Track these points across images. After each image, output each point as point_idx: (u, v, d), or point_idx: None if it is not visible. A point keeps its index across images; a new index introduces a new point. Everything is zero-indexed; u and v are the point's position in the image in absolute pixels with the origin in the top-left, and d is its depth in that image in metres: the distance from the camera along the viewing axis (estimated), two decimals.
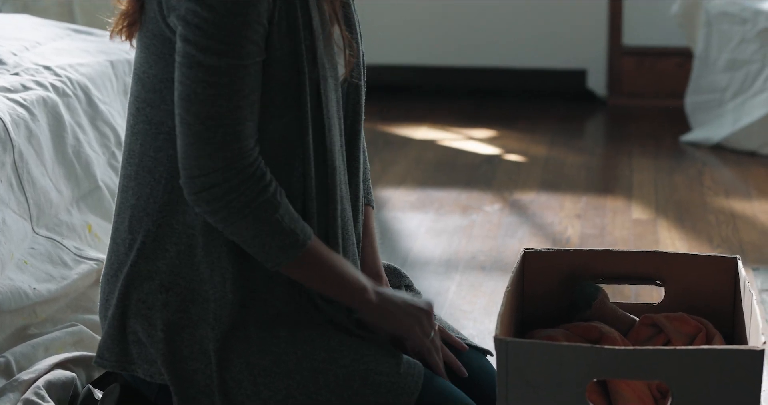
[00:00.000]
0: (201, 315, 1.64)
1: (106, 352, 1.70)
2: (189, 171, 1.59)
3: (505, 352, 1.57)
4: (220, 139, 1.57)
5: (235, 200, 1.59)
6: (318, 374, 1.64)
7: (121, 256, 1.70)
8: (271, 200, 1.60)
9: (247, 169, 1.59)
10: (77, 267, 2.15)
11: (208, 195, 1.59)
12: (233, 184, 1.58)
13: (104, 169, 2.39)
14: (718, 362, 1.54)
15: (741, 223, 3.23)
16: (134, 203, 1.68)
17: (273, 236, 1.61)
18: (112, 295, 1.70)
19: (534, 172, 3.80)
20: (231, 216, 1.60)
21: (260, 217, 1.60)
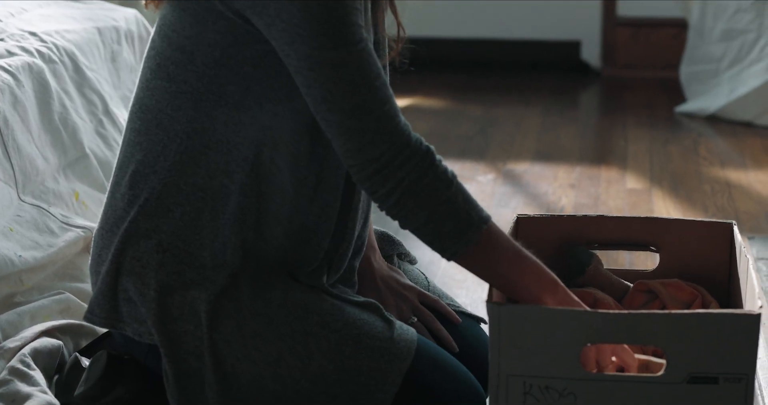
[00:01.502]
0: (195, 279, 1.62)
1: (97, 308, 1.68)
2: (358, 165, 1.54)
3: (497, 318, 1.55)
4: (374, 125, 1.53)
5: (406, 177, 1.53)
6: (310, 338, 1.61)
7: (119, 212, 1.67)
8: (441, 177, 1.55)
9: (412, 144, 1.54)
10: (64, 235, 2.12)
11: (380, 177, 1.54)
12: (401, 160, 1.53)
13: (91, 136, 2.36)
14: (714, 327, 1.52)
15: (736, 192, 3.21)
16: (141, 159, 1.65)
17: (447, 217, 1.54)
18: (106, 251, 1.67)
19: (528, 143, 3.77)
20: (404, 196, 1.54)
21: (432, 195, 1.54)
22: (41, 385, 1.72)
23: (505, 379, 1.57)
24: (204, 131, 1.61)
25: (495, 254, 1.57)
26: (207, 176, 1.62)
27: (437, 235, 1.56)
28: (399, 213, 1.56)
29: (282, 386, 1.60)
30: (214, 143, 1.61)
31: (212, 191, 1.62)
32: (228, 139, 1.61)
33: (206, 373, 1.61)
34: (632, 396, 1.55)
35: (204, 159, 1.62)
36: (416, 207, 1.55)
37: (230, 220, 1.62)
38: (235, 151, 1.61)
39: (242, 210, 1.62)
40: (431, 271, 2.57)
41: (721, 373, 1.54)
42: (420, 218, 1.55)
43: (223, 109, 1.60)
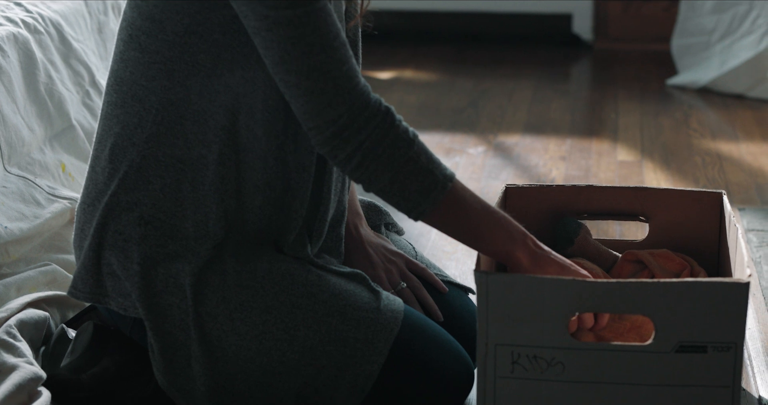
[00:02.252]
0: (178, 251, 1.61)
1: (80, 283, 1.67)
2: (316, 128, 1.53)
3: (485, 286, 1.54)
4: (332, 86, 1.51)
5: (366, 140, 1.52)
6: (296, 309, 1.61)
7: (100, 186, 1.65)
8: (402, 136, 1.54)
9: (370, 106, 1.53)
10: (50, 206, 2.11)
11: (340, 141, 1.53)
12: (361, 123, 1.52)
13: (78, 107, 2.34)
14: (702, 296, 1.52)
15: (727, 164, 3.20)
16: (119, 132, 1.64)
17: (410, 178, 1.53)
18: (88, 226, 1.67)
19: (518, 116, 3.76)
20: (366, 159, 1.53)
21: (394, 156, 1.53)
22: (27, 357, 1.71)
23: (493, 349, 1.56)
24: (179, 101, 1.60)
25: (462, 211, 1.56)
26: (185, 147, 1.61)
27: (402, 195, 1.55)
28: (362, 176, 1.55)
29: (268, 358, 1.60)
30: (189, 113, 1.60)
31: (191, 162, 1.61)
32: (203, 109, 1.60)
33: (192, 346, 1.60)
34: (621, 365, 1.54)
35: (181, 129, 1.61)
36: (379, 169, 1.53)
37: (211, 190, 1.61)
38: (211, 121, 1.60)
39: (222, 179, 1.61)
40: (420, 242, 2.56)
41: (709, 342, 1.53)
42: (383, 180, 1.54)
43: (197, 78, 1.59)
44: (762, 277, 2.33)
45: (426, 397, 1.66)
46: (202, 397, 1.61)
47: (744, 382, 1.86)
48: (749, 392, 1.86)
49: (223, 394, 1.60)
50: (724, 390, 1.54)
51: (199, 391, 1.61)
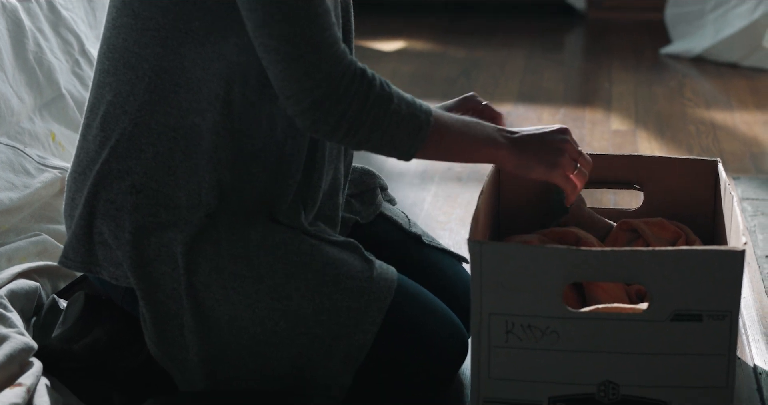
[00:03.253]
0: (171, 219, 1.60)
1: (71, 253, 1.65)
2: (294, 97, 1.51)
3: (479, 255, 1.53)
4: (312, 52, 1.50)
5: (349, 108, 1.52)
6: (289, 279, 1.59)
7: (91, 154, 1.64)
8: (381, 94, 1.54)
9: (347, 72, 1.52)
10: (40, 176, 2.09)
11: (322, 113, 1.51)
12: (340, 92, 1.51)
13: (68, 76, 2.32)
14: (698, 264, 1.51)
15: (721, 133, 3.19)
16: (111, 100, 1.62)
17: (398, 128, 1.55)
18: (79, 195, 1.65)
19: (511, 85, 3.74)
20: (353, 126, 1.53)
21: (379, 115, 1.54)
22: (18, 327, 1.70)
23: (487, 318, 1.55)
24: (173, 69, 1.58)
25: (446, 138, 1.60)
26: (178, 115, 1.59)
27: (393, 145, 1.57)
28: (351, 141, 1.56)
29: (261, 328, 1.59)
30: (183, 81, 1.58)
31: (184, 130, 1.59)
32: (197, 77, 1.58)
33: (185, 316, 1.59)
34: (616, 334, 1.54)
35: (174, 97, 1.59)
36: (367, 131, 1.54)
37: (204, 158, 1.60)
38: (205, 89, 1.59)
39: (215, 148, 1.60)
40: (414, 212, 2.55)
41: (704, 311, 1.52)
42: (374, 139, 1.56)
43: (190, 45, 1.57)
44: (757, 246, 2.32)
45: (420, 366, 1.65)
46: (194, 367, 1.60)
47: (739, 351, 1.86)
48: (744, 361, 1.86)
49: (215, 364, 1.59)
50: (719, 358, 1.54)
51: (191, 361, 1.60)
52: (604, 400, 1.56)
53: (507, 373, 1.57)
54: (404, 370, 1.65)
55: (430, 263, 1.84)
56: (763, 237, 2.36)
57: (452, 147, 1.61)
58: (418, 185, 2.74)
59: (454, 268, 1.87)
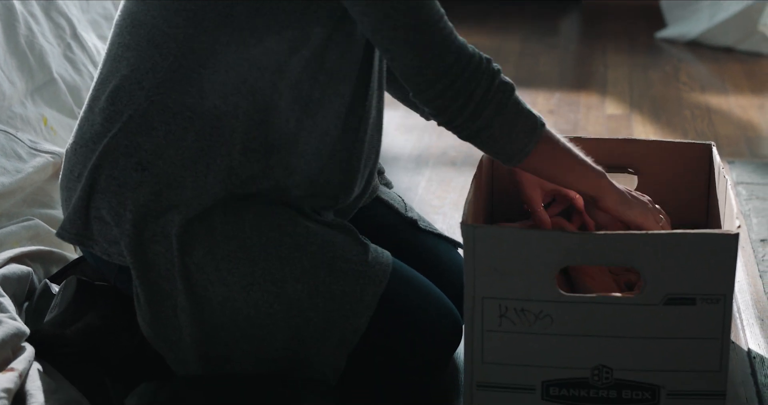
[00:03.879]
0: (173, 200, 1.58)
1: (68, 224, 1.65)
2: (426, 82, 1.54)
3: (472, 239, 1.53)
4: (439, 39, 1.53)
5: (477, 88, 1.54)
6: (283, 261, 1.59)
7: (96, 127, 1.62)
8: (505, 81, 1.57)
9: (473, 58, 1.55)
10: (32, 160, 2.08)
11: (453, 92, 1.54)
12: (468, 75, 1.54)
13: (59, 60, 2.31)
14: (691, 247, 1.51)
15: (717, 117, 3.19)
16: (126, 74, 1.60)
17: (517, 119, 1.57)
18: (79, 167, 1.64)
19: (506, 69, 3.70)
20: (479, 107, 1.55)
21: (503, 101, 1.56)
22: (10, 312, 1.69)
23: (480, 302, 1.55)
24: (201, 50, 1.57)
25: (556, 148, 1.62)
26: (198, 96, 1.57)
27: (510, 138, 1.58)
28: (473, 124, 1.56)
29: (255, 310, 1.58)
30: (210, 63, 1.57)
31: (201, 112, 1.58)
32: (227, 60, 1.56)
33: (178, 297, 1.59)
34: (609, 318, 1.53)
35: (197, 78, 1.57)
36: (490, 115, 1.55)
37: (218, 142, 1.58)
38: (233, 73, 1.57)
39: (232, 133, 1.58)
40: (408, 196, 2.55)
41: (698, 294, 1.52)
42: (494, 125, 1.56)
43: (227, 28, 1.55)
44: (751, 230, 2.32)
45: (414, 350, 1.64)
46: (187, 348, 1.59)
47: (733, 335, 1.86)
48: (738, 345, 1.86)
49: (208, 345, 1.59)
50: (713, 342, 1.54)
51: (184, 341, 1.59)
52: (598, 384, 1.56)
53: (500, 357, 1.57)
54: (398, 354, 1.64)
55: (425, 248, 1.84)
56: (758, 221, 2.36)
57: (560, 160, 1.63)
58: (412, 169, 2.74)
59: (450, 253, 1.86)
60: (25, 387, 1.59)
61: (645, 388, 1.56)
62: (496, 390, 1.58)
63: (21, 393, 1.58)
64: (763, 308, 1.98)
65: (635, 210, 1.67)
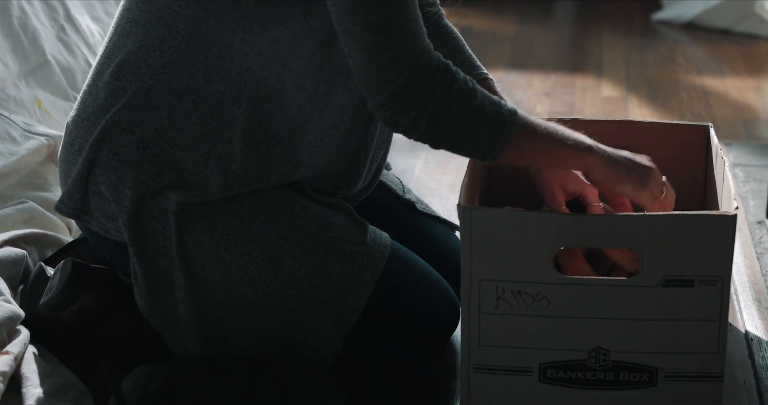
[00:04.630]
0: (172, 180, 1.58)
1: (66, 198, 1.64)
2: (374, 87, 1.48)
3: (468, 221, 1.52)
4: (396, 42, 1.46)
5: (431, 99, 1.48)
6: (281, 241, 1.58)
7: (99, 101, 1.61)
8: (464, 89, 1.50)
9: (432, 63, 1.48)
10: (26, 143, 2.07)
11: (402, 105, 1.48)
12: (422, 84, 1.47)
13: (53, 42, 2.30)
14: (689, 229, 1.50)
15: (713, 99, 3.18)
16: (133, 50, 1.59)
17: (480, 125, 1.50)
18: (80, 140, 1.63)
19: (502, 51, 3.72)
20: (434, 118, 1.49)
21: (461, 110, 1.49)
22: (5, 295, 1.69)
23: (477, 284, 1.55)
24: (208, 33, 1.56)
25: (531, 141, 1.55)
26: (203, 79, 1.57)
27: (475, 145, 1.52)
28: (431, 136, 1.51)
29: (252, 289, 1.58)
30: (217, 47, 1.56)
31: (205, 96, 1.57)
32: (233, 46, 1.55)
33: (176, 274, 1.58)
34: (607, 299, 1.53)
35: (203, 61, 1.56)
36: (449, 126, 1.50)
37: (220, 128, 1.57)
38: (238, 59, 1.56)
39: (234, 120, 1.57)
40: (404, 179, 2.54)
41: (696, 276, 1.52)
42: (453, 136, 1.51)
43: (234, 14, 1.54)
44: (749, 212, 2.32)
45: (411, 332, 1.64)
46: (184, 326, 1.59)
47: (730, 317, 1.86)
48: (735, 326, 1.86)
49: (205, 323, 1.58)
50: (710, 324, 1.53)
51: (181, 319, 1.59)
52: (595, 366, 1.56)
53: (497, 339, 1.56)
54: (395, 336, 1.64)
55: (423, 230, 1.83)
56: (755, 203, 2.36)
57: (538, 149, 1.56)
58: (408, 152, 2.73)
59: (447, 235, 1.86)
60: (20, 370, 1.58)
61: (642, 369, 1.55)
62: (494, 372, 1.58)
63: (16, 376, 1.57)
64: (760, 290, 1.98)
65: (626, 186, 1.61)
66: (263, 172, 1.59)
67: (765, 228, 2.23)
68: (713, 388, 1.56)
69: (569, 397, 1.57)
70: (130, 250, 1.58)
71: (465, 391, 1.60)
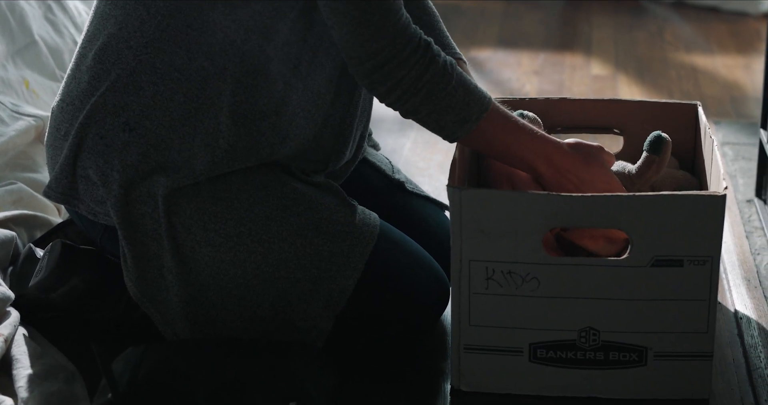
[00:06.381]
0: (159, 162, 1.57)
1: (54, 183, 1.64)
2: (357, 58, 1.53)
3: (458, 202, 1.52)
4: (378, 19, 1.51)
5: (406, 76, 1.53)
6: (270, 222, 1.58)
7: (83, 85, 1.61)
8: (441, 72, 1.55)
9: (412, 40, 1.53)
10: (14, 124, 2.07)
11: (380, 75, 1.53)
12: (402, 58, 1.53)
13: (40, 22, 2.29)
14: (678, 209, 1.50)
15: (702, 77, 3.18)
16: (114, 33, 1.59)
17: (447, 111, 1.56)
18: (66, 125, 1.62)
19: (490, 30, 3.72)
20: (405, 93, 1.54)
21: (433, 91, 1.55)
22: None
23: (467, 264, 1.55)
24: (189, 10, 1.55)
25: (492, 136, 1.60)
26: (186, 57, 1.56)
27: (438, 125, 1.58)
28: (400, 107, 1.57)
29: (242, 270, 1.58)
30: (198, 23, 1.55)
31: (189, 73, 1.56)
32: (214, 20, 1.55)
33: (165, 257, 1.58)
34: (596, 280, 1.53)
35: (184, 38, 1.56)
36: (417, 103, 1.56)
37: (205, 104, 1.57)
38: (220, 34, 1.56)
39: (219, 95, 1.57)
40: (393, 158, 2.54)
41: (685, 256, 1.52)
42: (422, 112, 1.57)
43: None
44: (738, 191, 2.32)
45: (401, 313, 1.64)
46: (174, 308, 1.59)
47: (720, 296, 1.86)
48: (725, 306, 1.86)
49: (196, 305, 1.58)
50: (700, 303, 1.54)
51: (171, 301, 1.59)
52: (585, 346, 1.56)
53: (487, 319, 1.56)
54: (385, 316, 1.64)
55: (412, 210, 1.83)
56: (744, 181, 2.36)
57: (495, 146, 1.61)
58: (397, 131, 2.73)
59: (437, 215, 1.86)
60: (10, 352, 1.58)
61: (632, 349, 1.56)
62: (484, 352, 1.58)
63: (7, 358, 1.58)
64: (749, 269, 1.98)
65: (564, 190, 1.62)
66: (251, 146, 1.59)
67: (754, 207, 2.24)
68: (702, 367, 1.57)
69: (559, 377, 1.58)
70: (119, 233, 1.58)
71: (455, 370, 1.61)
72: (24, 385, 1.52)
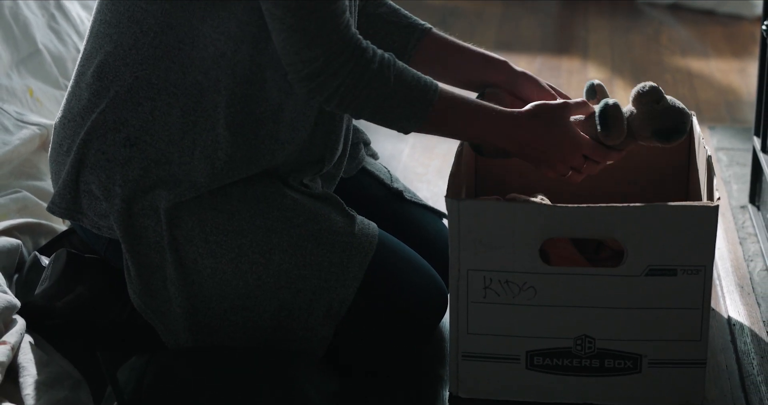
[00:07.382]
0: (161, 176, 1.60)
1: (58, 198, 1.66)
2: (293, 65, 1.55)
3: (456, 212, 1.55)
4: (314, 27, 1.52)
5: (341, 85, 1.55)
6: (271, 233, 1.61)
7: (83, 102, 1.63)
8: (378, 76, 1.56)
9: (347, 49, 1.54)
10: (19, 132, 2.09)
11: (317, 85, 1.55)
12: (335, 68, 1.54)
13: (44, 31, 2.31)
14: (672, 219, 1.53)
15: (698, 82, 3.20)
16: (110, 50, 1.62)
17: (391, 110, 1.59)
18: (68, 141, 1.65)
19: (488, 33, 3.73)
20: (345, 100, 1.56)
21: (371, 95, 1.57)
22: (1, 285, 1.71)
23: (465, 274, 1.57)
24: (179, 25, 1.58)
25: (445, 123, 1.63)
26: (180, 72, 1.59)
27: (386, 124, 1.61)
28: (343, 112, 1.61)
29: (244, 281, 1.60)
30: (189, 38, 1.58)
31: (185, 87, 1.59)
32: (204, 34, 1.58)
33: (168, 269, 1.60)
34: (592, 289, 1.56)
35: (177, 54, 1.59)
36: (359, 108, 1.58)
37: (202, 117, 1.60)
38: (212, 47, 1.58)
39: (215, 107, 1.60)
40: (392, 165, 2.56)
41: (679, 265, 1.55)
42: (364, 115, 1.60)
43: (200, 3, 1.57)
44: (732, 197, 2.34)
45: (400, 321, 1.66)
46: (177, 319, 1.61)
47: (713, 303, 1.89)
48: (719, 312, 1.88)
49: (199, 316, 1.61)
50: (693, 312, 1.56)
51: (174, 312, 1.61)
52: (581, 353, 1.59)
53: (485, 328, 1.59)
54: (384, 325, 1.66)
55: (411, 219, 1.86)
56: (738, 187, 2.38)
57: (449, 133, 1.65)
58: (396, 136, 2.74)
59: (435, 224, 1.88)
60: (17, 359, 1.60)
61: (627, 357, 1.59)
62: (482, 360, 1.61)
63: (13, 365, 1.59)
64: (742, 275, 2.00)
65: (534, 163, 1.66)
66: (250, 155, 1.62)
67: (748, 213, 2.26)
68: (696, 374, 1.59)
69: (555, 384, 1.61)
70: (122, 246, 1.61)
71: (454, 377, 1.63)
72: (31, 392, 1.54)
